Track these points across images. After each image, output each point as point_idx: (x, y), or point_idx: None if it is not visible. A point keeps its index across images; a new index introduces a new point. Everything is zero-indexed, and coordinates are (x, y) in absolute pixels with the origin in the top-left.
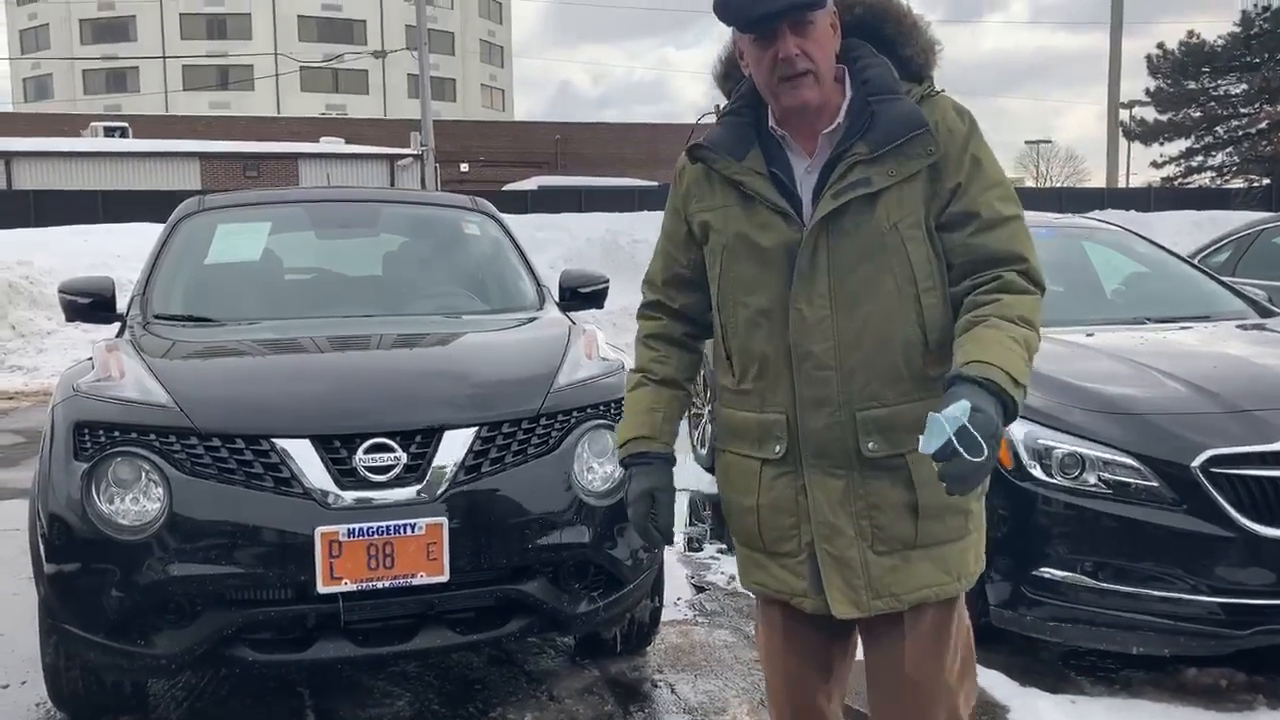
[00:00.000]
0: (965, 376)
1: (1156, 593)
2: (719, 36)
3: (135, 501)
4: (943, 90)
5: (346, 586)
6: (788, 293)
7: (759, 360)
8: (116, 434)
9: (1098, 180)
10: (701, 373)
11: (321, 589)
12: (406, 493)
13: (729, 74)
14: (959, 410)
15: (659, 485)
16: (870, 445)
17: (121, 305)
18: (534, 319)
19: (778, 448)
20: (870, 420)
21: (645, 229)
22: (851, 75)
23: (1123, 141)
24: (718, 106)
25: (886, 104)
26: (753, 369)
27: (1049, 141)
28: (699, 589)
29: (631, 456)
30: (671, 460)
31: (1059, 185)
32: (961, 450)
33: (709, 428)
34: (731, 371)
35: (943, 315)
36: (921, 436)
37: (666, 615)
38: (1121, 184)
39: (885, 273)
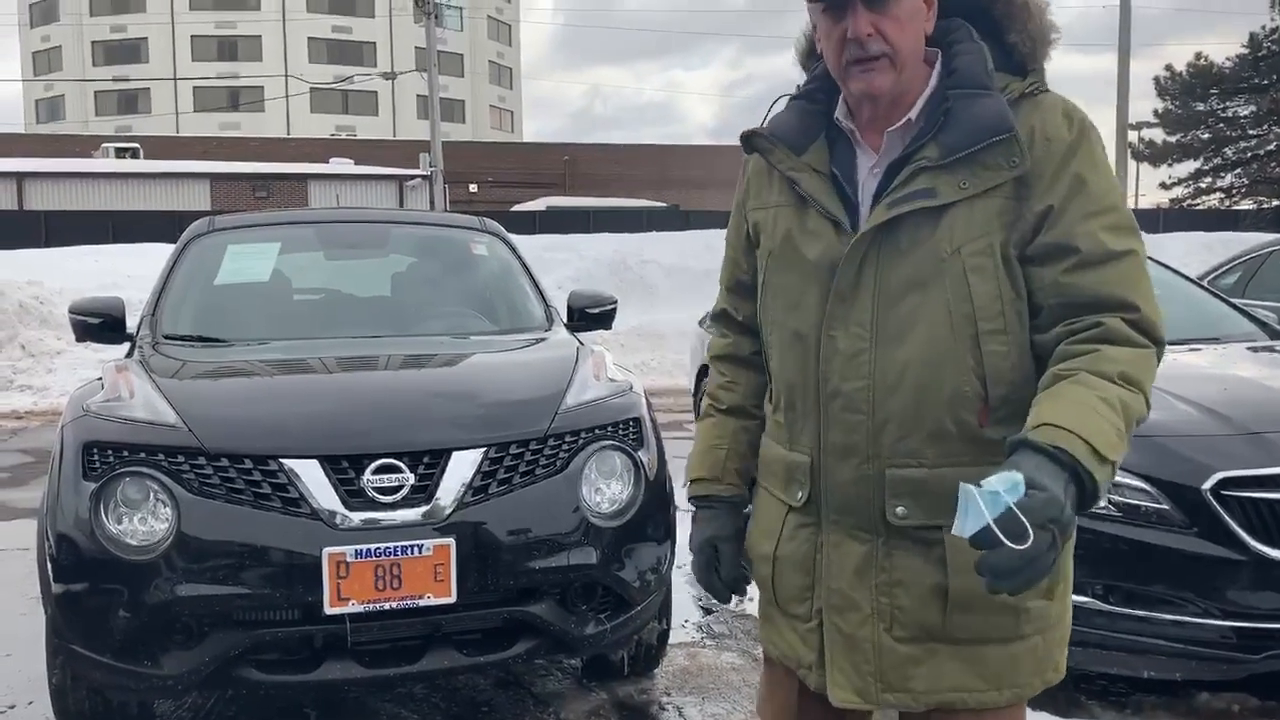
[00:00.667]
0: (1030, 443)
1: (1167, 616)
2: (726, 59)
3: (143, 521)
4: (1049, 89)
5: (354, 607)
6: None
7: (788, 389)
8: (125, 454)
9: None
10: None
11: (329, 610)
12: (414, 513)
13: (812, 50)
14: (1003, 484)
15: (721, 534)
16: (899, 510)
17: (131, 325)
18: (542, 340)
19: (800, 494)
20: (902, 480)
21: (654, 250)
22: (943, 63)
23: (1131, 163)
24: (799, 87)
25: (968, 100)
26: (783, 398)
27: None
28: (706, 611)
29: (695, 499)
30: (740, 503)
31: None
32: (1003, 537)
33: None
34: (770, 396)
35: (1013, 366)
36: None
37: (674, 637)
38: (1131, 205)
39: (939, 306)
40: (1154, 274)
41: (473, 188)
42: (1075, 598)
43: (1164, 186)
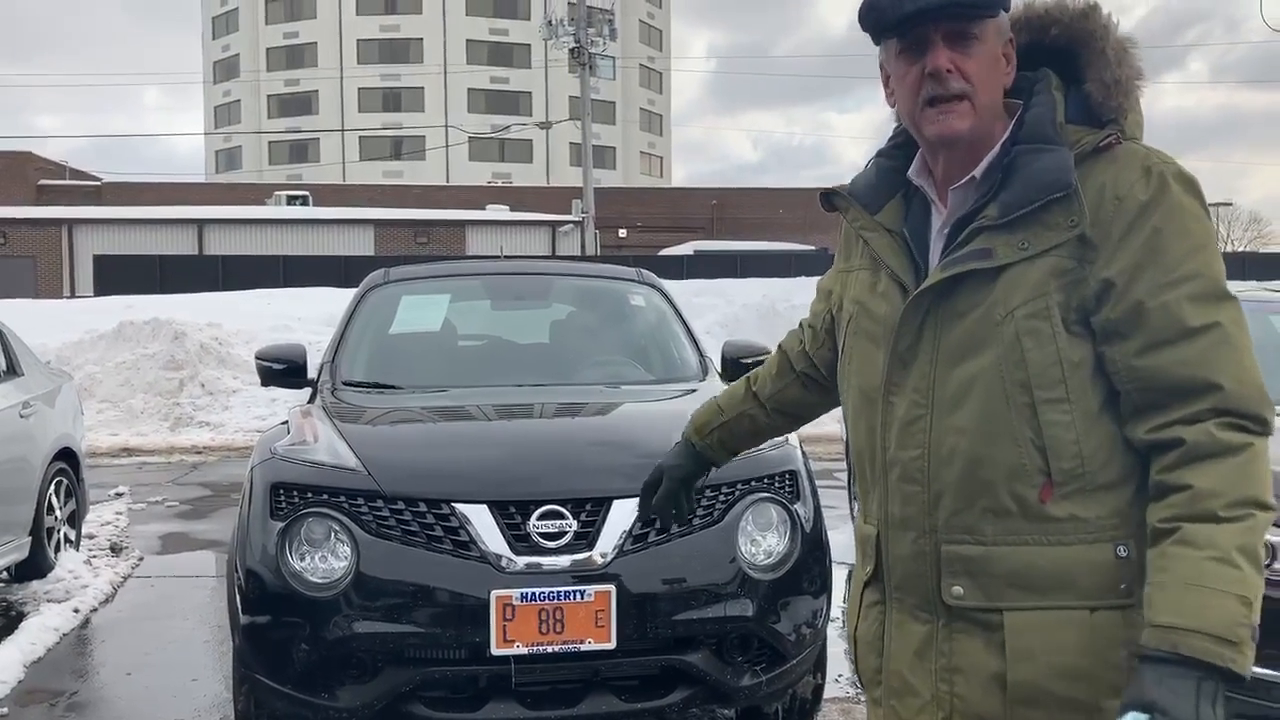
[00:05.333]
0: (1148, 654)
1: None
2: (880, 101)
3: (324, 559)
4: (1134, 139)
5: (518, 649)
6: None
7: (858, 456)
8: (310, 495)
9: None
10: None
11: (495, 651)
12: (576, 559)
13: None
14: None
15: (673, 466)
16: (955, 590)
17: (311, 371)
18: (696, 390)
19: (868, 568)
20: (957, 558)
21: (802, 294)
22: (1020, 115)
23: None
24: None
25: (1031, 156)
26: (855, 465)
27: (1230, 204)
28: None
29: (683, 436)
30: (704, 460)
31: (1241, 249)
32: None
33: None
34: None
35: (1079, 438)
36: None
37: (828, 692)
38: None
39: (993, 373)
40: None
41: (622, 232)
42: (1260, 670)
43: None
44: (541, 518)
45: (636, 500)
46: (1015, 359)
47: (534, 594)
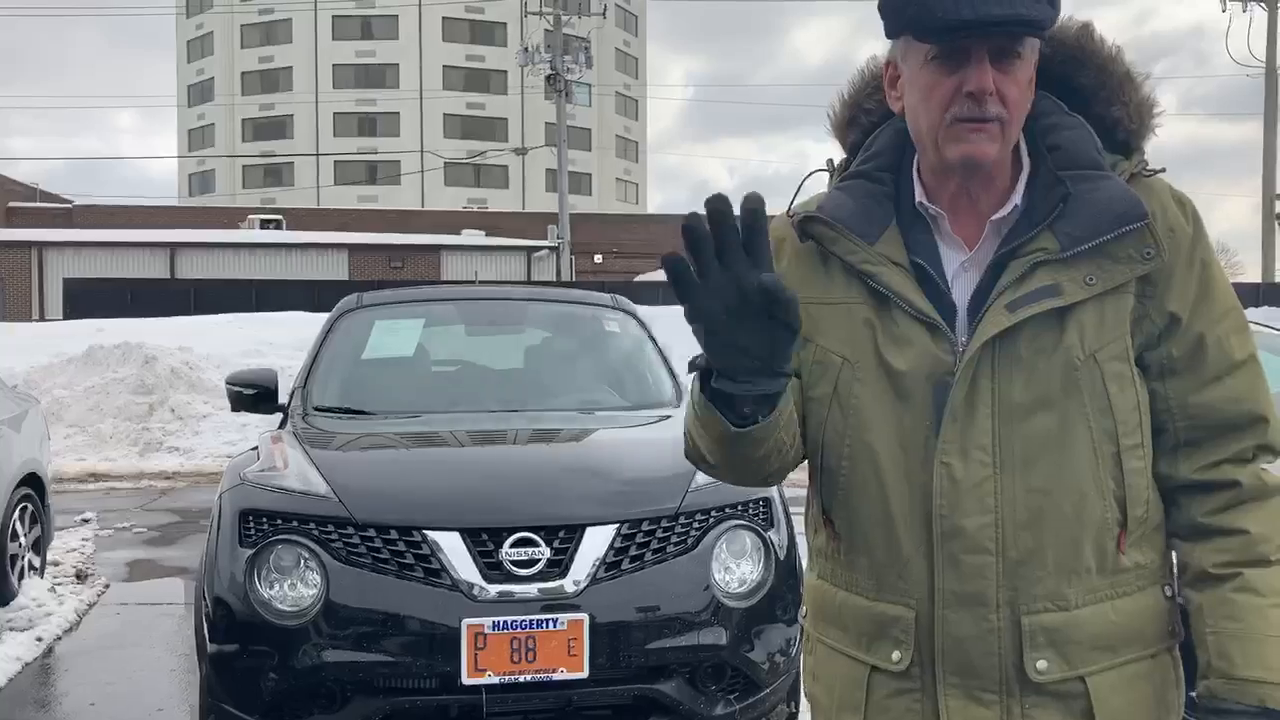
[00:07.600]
0: (1220, 709)
1: None
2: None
3: (293, 587)
4: (1163, 170)
5: (490, 679)
6: (930, 438)
7: (877, 529)
8: (279, 522)
9: (1252, 274)
10: None
11: (466, 680)
12: (549, 587)
13: (853, 120)
14: None
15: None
16: (1040, 664)
17: (282, 396)
18: (671, 416)
19: (897, 655)
20: (1041, 629)
21: None
22: (1028, 140)
23: (1279, 234)
24: (831, 162)
25: (1088, 183)
26: (861, 538)
27: None
28: None
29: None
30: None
31: None
32: None
33: None
34: (830, 532)
35: (1149, 483)
36: None
37: None
38: (1279, 278)
39: (1077, 423)
40: None
41: (598, 258)
42: None
43: None
44: (514, 545)
45: (611, 527)
46: (1102, 407)
47: (506, 623)
